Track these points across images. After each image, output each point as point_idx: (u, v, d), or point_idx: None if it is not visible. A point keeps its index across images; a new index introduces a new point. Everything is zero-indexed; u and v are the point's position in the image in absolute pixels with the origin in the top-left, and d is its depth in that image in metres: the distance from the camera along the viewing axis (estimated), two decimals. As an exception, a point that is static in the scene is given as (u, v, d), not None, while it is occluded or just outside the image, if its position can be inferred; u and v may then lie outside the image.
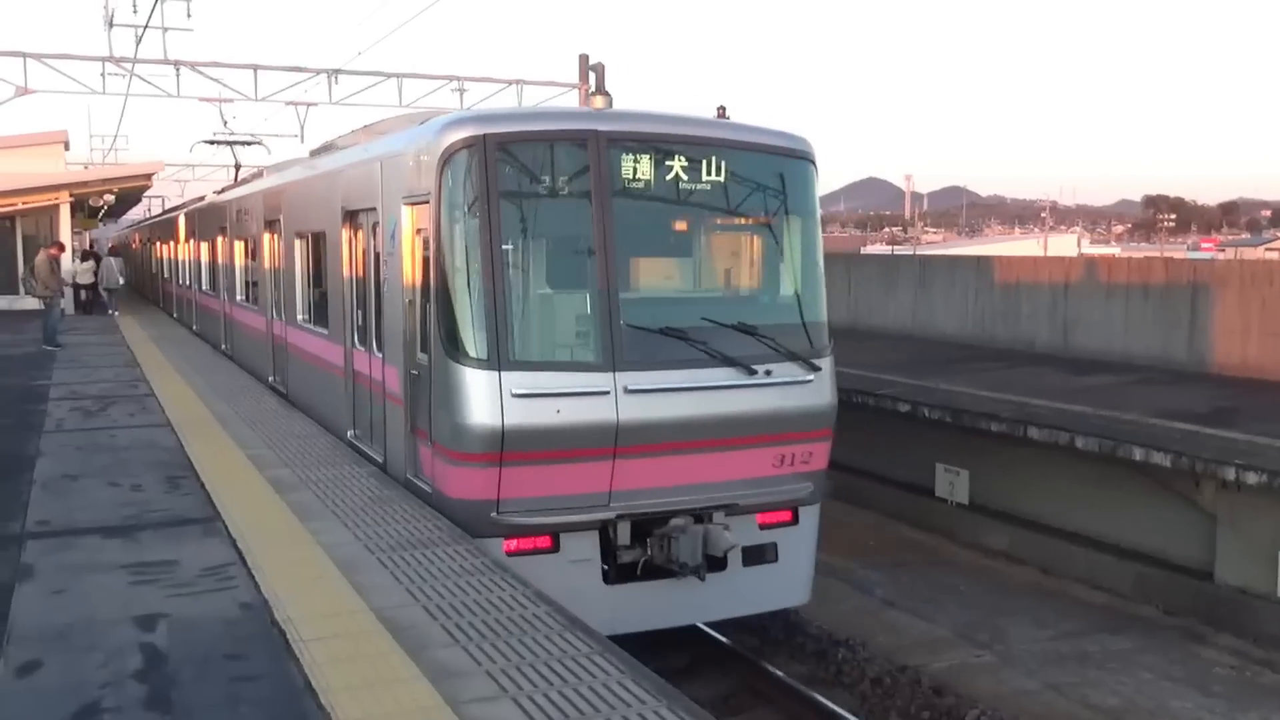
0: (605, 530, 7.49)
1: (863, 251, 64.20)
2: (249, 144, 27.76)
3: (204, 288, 20.11)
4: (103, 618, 5.37)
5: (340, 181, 9.99)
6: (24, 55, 26.97)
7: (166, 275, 27.97)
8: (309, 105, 31.61)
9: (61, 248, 21.42)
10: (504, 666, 4.72)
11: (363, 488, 8.13)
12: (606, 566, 7.56)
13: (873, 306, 20.44)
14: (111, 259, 31.09)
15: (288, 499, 7.75)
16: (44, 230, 28.42)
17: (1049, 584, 11.48)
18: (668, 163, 7.60)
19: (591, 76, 8.79)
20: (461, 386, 7.11)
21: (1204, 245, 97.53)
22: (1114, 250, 77.72)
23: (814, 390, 7.93)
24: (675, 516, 7.54)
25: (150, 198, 60.19)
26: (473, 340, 7.15)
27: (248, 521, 7.14)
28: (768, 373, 7.70)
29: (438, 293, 7.38)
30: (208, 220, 19.86)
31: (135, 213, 61.03)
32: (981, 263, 18.54)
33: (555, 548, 7.40)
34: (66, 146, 32.51)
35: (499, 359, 7.10)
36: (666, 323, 7.51)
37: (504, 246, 7.16)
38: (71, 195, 27.69)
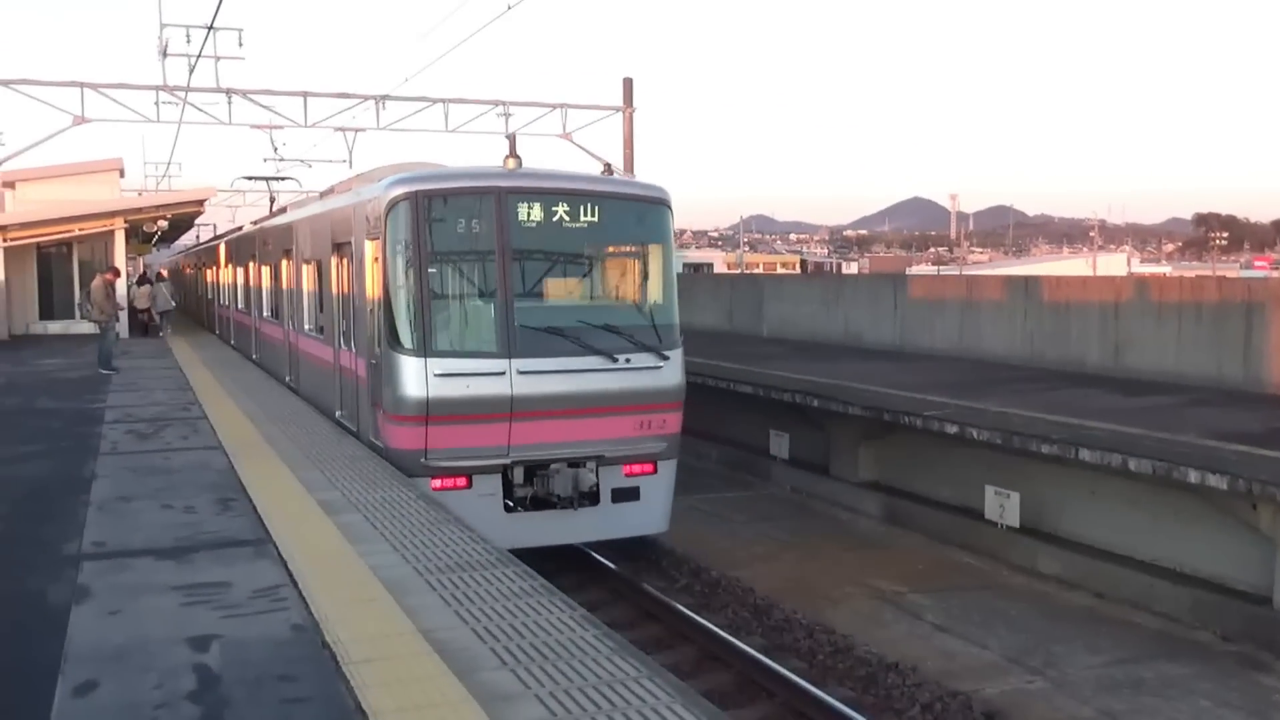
0: (505, 473, 10.43)
1: (908, 272, 63.84)
2: (283, 179, 31.69)
3: (239, 306, 23.22)
4: (157, 638, 5.43)
5: (331, 220, 12.99)
6: (81, 85, 27.65)
7: (210, 297, 31.19)
8: (357, 131, 32.02)
9: (117, 273, 21.77)
10: (553, 690, 4.71)
11: (412, 510, 8.18)
12: (507, 500, 10.42)
13: (919, 327, 20.30)
14: (162, 284, 31.81)
15: (337, 521, 7.81)
16: (99, 256, 28.99)
17: (1103, 609, 11.28)
18: (553, 209, 10.52)
19: (623, 117, 9.94)
20: (400, 369, 10.13)
21: (1257, 264, 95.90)
22: (1165, 269, 76.64)
23: (665, 374, 10.88)
24: (556, 464, 10.42)
25: (201, 225, 61.18)
26: (408, 336, 10.19)
27: (298, 543, 7.20)
28: (628, 360, 10.61)
29: (385, 303, 10.35)
30: (241, 248, 23.33)
31: (187, 238, 62.06)
32: (1030, 283, 18.36)
33: (469, 485, 10.36)
34: (122, 174, 33.15)
35: (425, 350, 10.09)
36: (549, 324, 10.41)
37: (429, 270, 10.21)
38: (126, 221, 28.21)
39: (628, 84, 31.19)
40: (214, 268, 29.94)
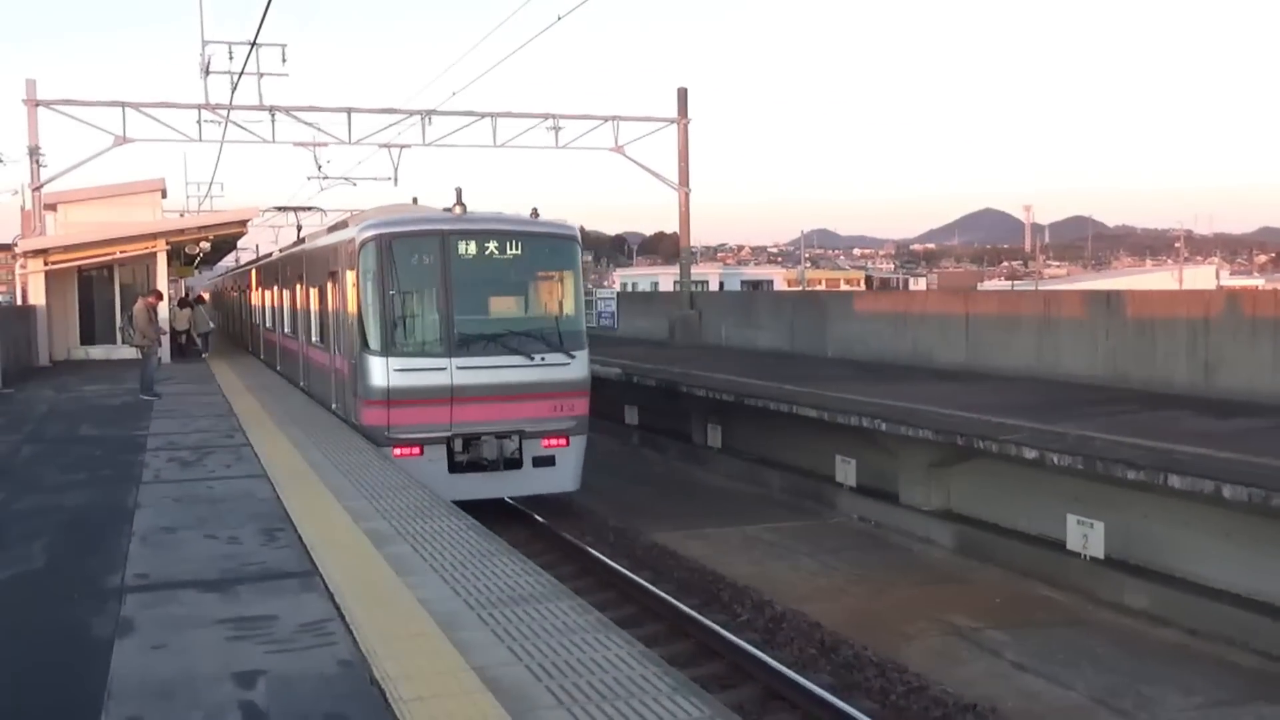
0: (448, 443, 14.40)
1: (980, 288, 63.16)
2: (310, 209, 35.20)
3: (266, 324, 27.37)
4: (203, 673, 5.49)
5: (327, 253, 17.26)
6: (123, 105, 28.35)
7: (243, 317, 34.82)
8: (402, 147, 32.42)
9: (159, 296, 22.14)
10: (612, 730, 4.69)
11: (462, 541, 8.22)
12: (450, 463, 14.43)
13: (992, 346, 20.08)
14: (201, 307, 33.19)
15: (386, 552, 7.86)
16: (141, 279, 29.49)
17: (1197, 646, 11.03)
18: (485, 245, 14.58)
19: (677, 129, 9.95)
20: (370, 366, 14.26)
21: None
22: (1258, 282, 75.16)
23: (572, 369, 14.93)
24: (487, 436, 14.42)
25: (242, 249, 62.16)
26: (375, 341, 14.27)
27: (345, 575, 7.26)
28: (542, 359, 14.66)
29: (359, 317, 14.46)
30: (268, 273, 27.61)
31: (229, 260, 63.18)
32: (1112, 298, 18.09)
33: (422, 453, 14.26)
34: (164, 194, 33.72)
35: (388, 351, 14.19)
36: (481, 332, 14.54)
37: (390, 292, 14.36)
38: (168, 243, 28.56)
39: (682, 94, 31.30)
40: (246, 290, 33.13)
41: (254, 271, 32.65)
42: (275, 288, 25.36)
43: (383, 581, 7.11)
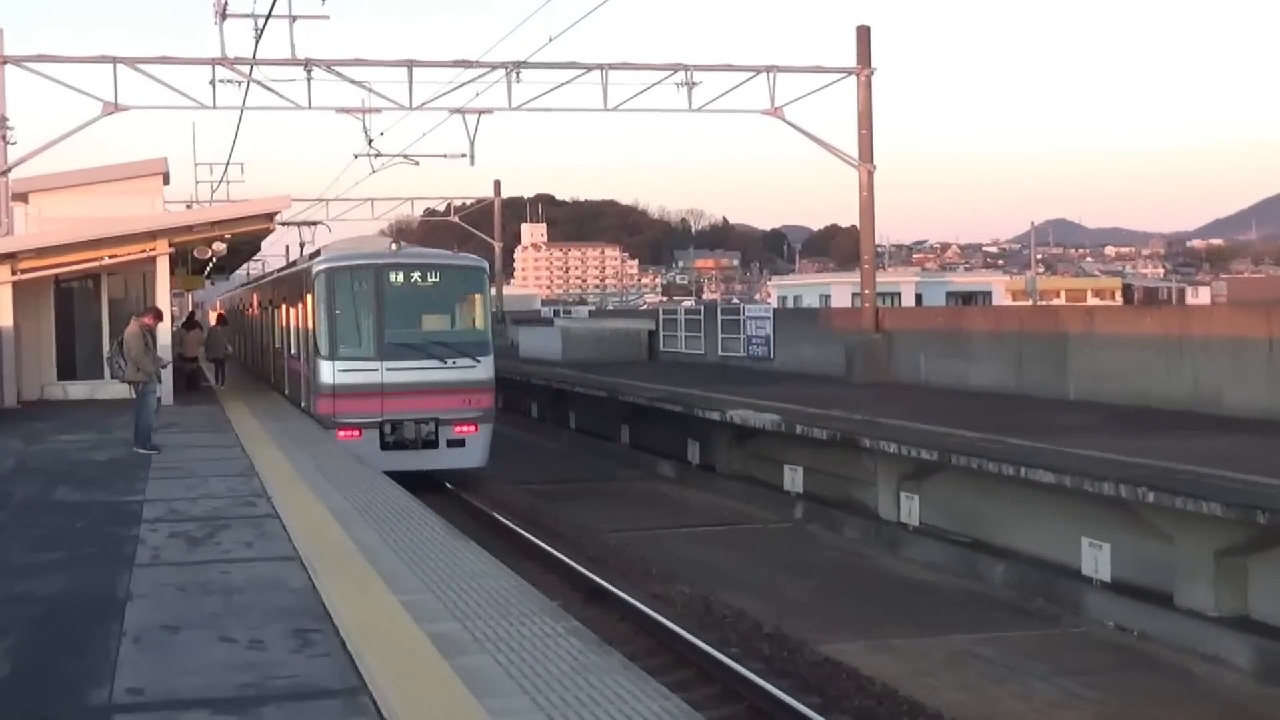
0: (380, 427, 24.93)
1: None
2: (314, 224, 48.57)
3: (291, 351, 32.99)
4: (214, 826, 5.60)
5: (299, 279, 27.99)
6: (114, 61, 29.02)
7: (263, 342, 39.81)
8: (481, 113, 32.89)
9: (158, 315, 22.46)
10: None
11: (561, 649, 8.25)
12: (381, 443, 24.84)
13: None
14: (219, 328, 33.79)
15: (458, 664, 7.94)
16: (136, 292, 30.30)
17: None
18: (410, 275, 25.71)
19: (856, 83, 9.62)
20: (320, 367, 25.24)
21: None
22: None
23: (478, 371, 25.56)
24: (410, 423, 25.03)
25: (270, 255, 63.74)
26: (325, 348, 25.31)
27: (404, 695, 7.33)
28: (454, 363, 25.22)
29: (314, 330, 25.75)
30: (265, 292, 38.32)
31: (244, 269, 65.02)
32: None
33: (361, 435, 24.57)
34: (165, 179, 34.62)
35: (334, 356, 25.14)
36: (406, 341, 25.17)
37: (336, 311, 25.60)
38: (171, 245, 29.14)
39: (863, 35, 31.17)
40: (268, 309, 37.14)
41: (258, 290, 41.44)
42: (270, 307, 35.12)
43: (454, 705, 7.17)
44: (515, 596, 9.77)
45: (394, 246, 26.40)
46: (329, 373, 25.02)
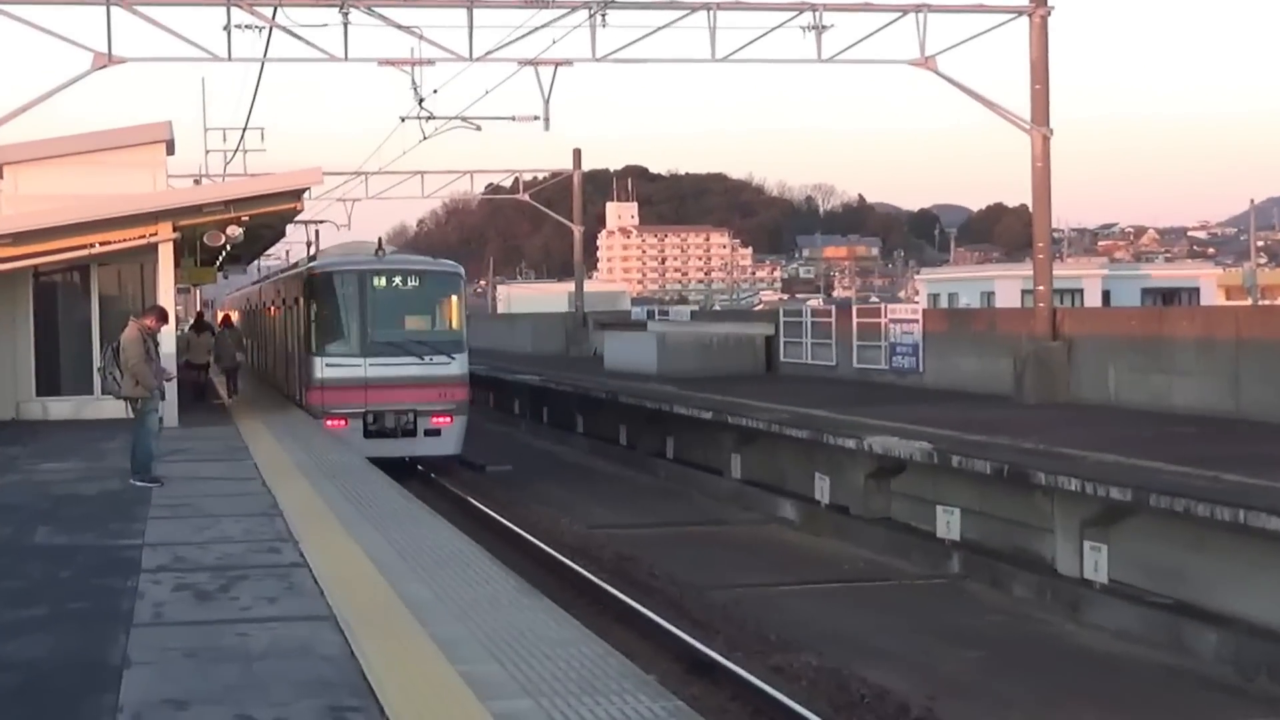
0: (364, 417, 34.20)
1: None
2: (321, 223, 57.56)
3: (276, 347, 44.84)
4: None
5: (296, 281, 39.34)
6: (107, 3, 29.34)
7: (278, 348, 46.52)
8: (557, 65, 32.96)
9: (162, 317, 22.11)
10: None
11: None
12: (364, 431, 34.10)
13: None
14: (226, 332, 40.58)
15: (531, 753, 7.93)
16: (133, 287, 30.61)
17: None
18: (392, 279, 35.14)
19: (1029, 25, 9.59)
20: (311, 363, 34.71)
21: None
22: None
23: (452, 367, 34.83)
24: (390, 413, 34.38)
25: (295, 241, 64.46)
26: (314, 345, 34.91)
27: (465, 790, 7.34)
28: (430, 359, 34.55)
29: (306, 329, 35.71)
30: (273, 291, 46.60)
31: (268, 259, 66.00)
32: None
33: (347, 424, 33.66)
34: (169, 149, 34.82)
35: (322, 353, 34.60)
36: (387, 340, 34.58)
37: (324, 312, 35.49)
38: (177, 229, 29.25)
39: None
40: (279, 309, 44.16)
41: (268, 287, 50.18)
42: (274, 306, 45.02)
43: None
44: (601, 668, 9.75)
45: (379, 253, 35.60)
46: (319, 367, 33.91)
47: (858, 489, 26.88)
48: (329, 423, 32.52)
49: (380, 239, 36.39)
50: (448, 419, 34.29)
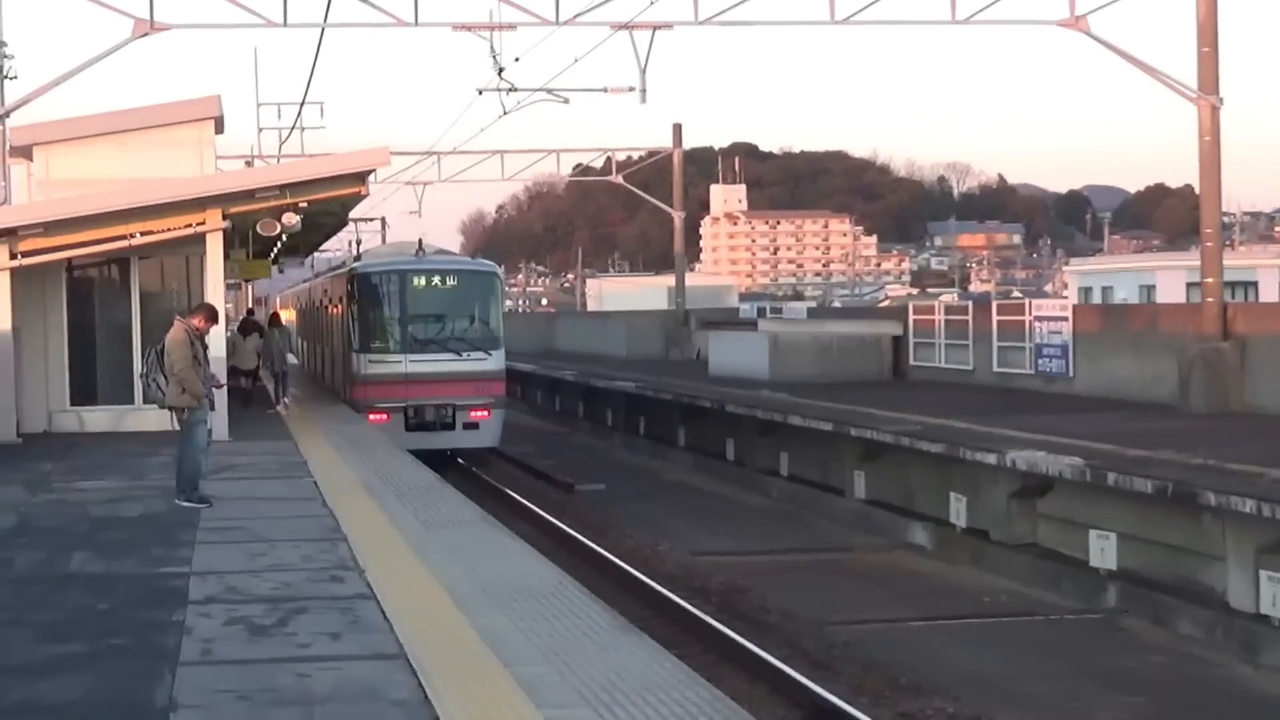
0: (405, 411, 41.47)
1: None
2: (369, 220, 69.24)
3: (331, 349, 49.96)
4: None
5: (340, 280, 47.88)
6: (150, -37, 29.71)
7: (312, 343, 57.35)
8: (655, 29, 33.10)
9: (211, 316, 21.92)
10: None
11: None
12: (405, 425, 41.22)
13: None
14: (275, 331, 42.94)
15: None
16: (178, 283, 30.84)
17: None
18: (431, 278, 43.74)
19: None
20: (354, 360, 42.99)
21: None
22: None
23: (489, 363, 42.46)
24: (430, 407, 41.82)
25: (362, 229, 64.78)
26: (357, 343, 43.40)
27: None
28: (468, 355, 42.20)
29: (348, 327, 44.50)
30: (320, 290, 53.77)
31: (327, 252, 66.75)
32: None
33: (389, 419, 40.84)
34: (219, 127, 35.04)
35: (365, 350, 42.78)
36: (427, 337, 42.96)
37: (367, 311, 44.00)
38: (227, 216, 29.40)
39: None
40: (328, 308, 51.63)
41: (313, 287, 58.81)
42: (328, 304, 50.88)
43: None
44: (708, 716, 9.75)
45: (419, 254, 42.88)
46: (361, 363, 40.90)
47: (999, 511, 26.74)
48: (371, 417, 38.84)
49: (420, 239, 44.04)
50: (485, 413, 40.82)
